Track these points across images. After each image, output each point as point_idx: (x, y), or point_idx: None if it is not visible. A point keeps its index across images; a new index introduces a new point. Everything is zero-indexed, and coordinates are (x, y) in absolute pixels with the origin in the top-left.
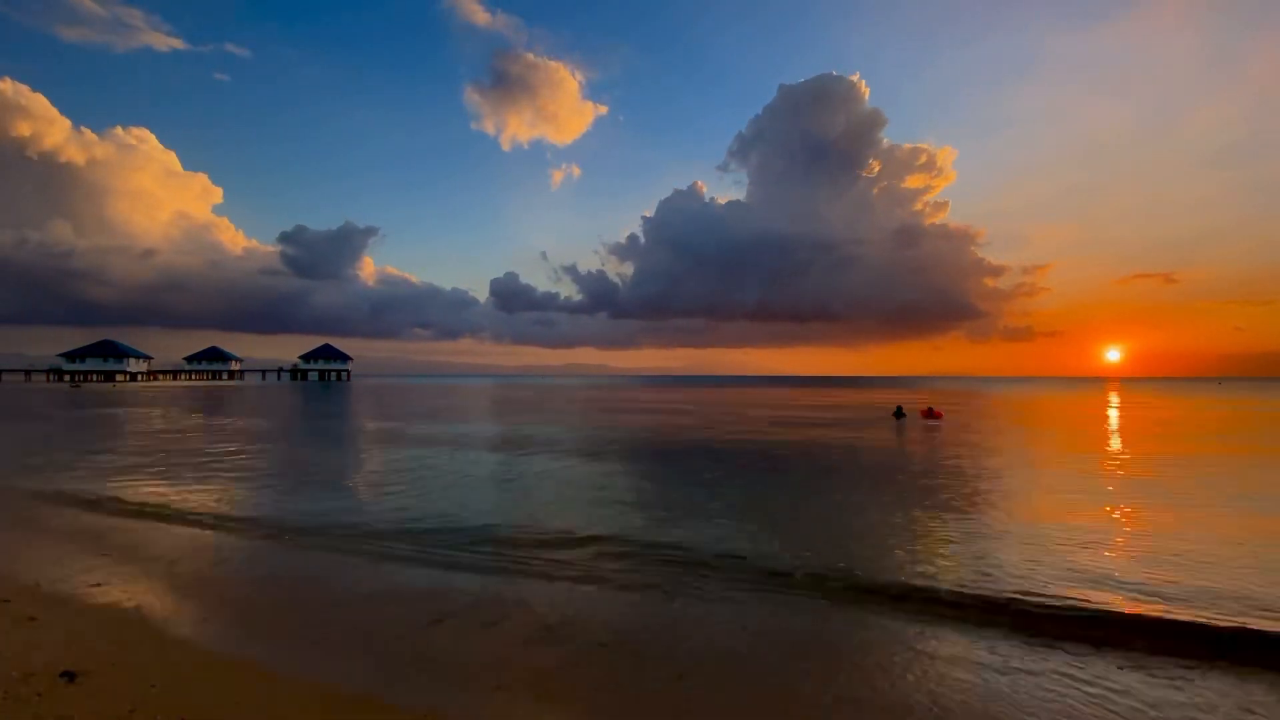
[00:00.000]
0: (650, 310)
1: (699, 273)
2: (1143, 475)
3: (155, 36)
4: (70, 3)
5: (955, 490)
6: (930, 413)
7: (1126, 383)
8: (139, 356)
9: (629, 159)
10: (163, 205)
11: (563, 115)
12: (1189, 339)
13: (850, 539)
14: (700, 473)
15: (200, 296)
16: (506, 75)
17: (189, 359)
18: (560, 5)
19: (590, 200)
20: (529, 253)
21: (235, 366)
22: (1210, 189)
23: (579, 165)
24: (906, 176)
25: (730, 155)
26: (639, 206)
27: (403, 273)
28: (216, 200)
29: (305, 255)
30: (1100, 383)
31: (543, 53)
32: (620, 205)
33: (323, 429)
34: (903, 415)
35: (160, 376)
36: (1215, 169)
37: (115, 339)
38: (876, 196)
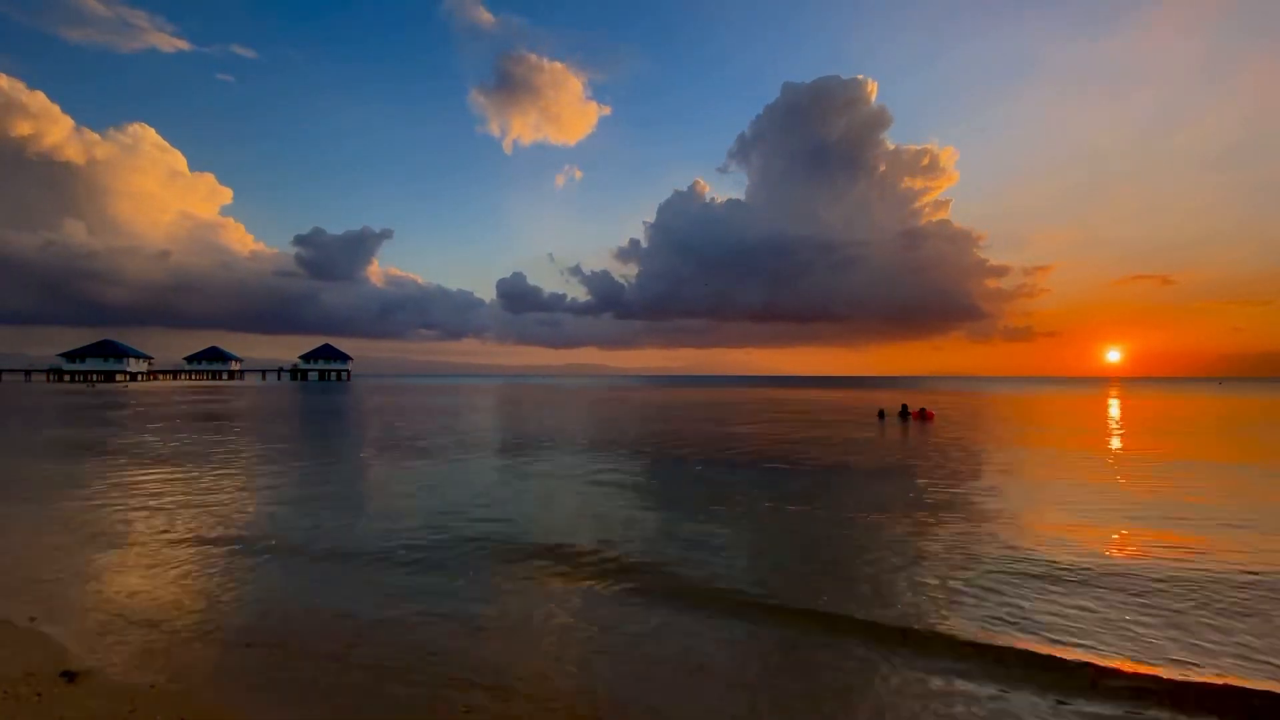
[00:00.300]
0: (654, 311)
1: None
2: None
3: (160, 37)
4: (74, 4)
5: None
6: (923, 413)
7: (1127, 383)
8: (139, 356)
9: (633, 160)
10: (169, 206)
11: (566, 117)
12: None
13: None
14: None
15: (206, 297)
16: (511, 77)
17: (189, 359)
18: (563, 6)
19: (595, 201)
20: (534, 254)
21: (235, 366)
22: (1208, 192)
23: (584, 166)
24: (909, 177)
25: (730, 156)
26: (644, 207)
27: (407, 273)
28: (225, 201)
29: (320, 257)
30: (1101, 383)
31: (546, 54)
32: (625, 206)
33: (350, 429)
34: (883, 416)
35: (160, 376)
36: (1213, 172)
37: (115, 339)
38: (879, 197)
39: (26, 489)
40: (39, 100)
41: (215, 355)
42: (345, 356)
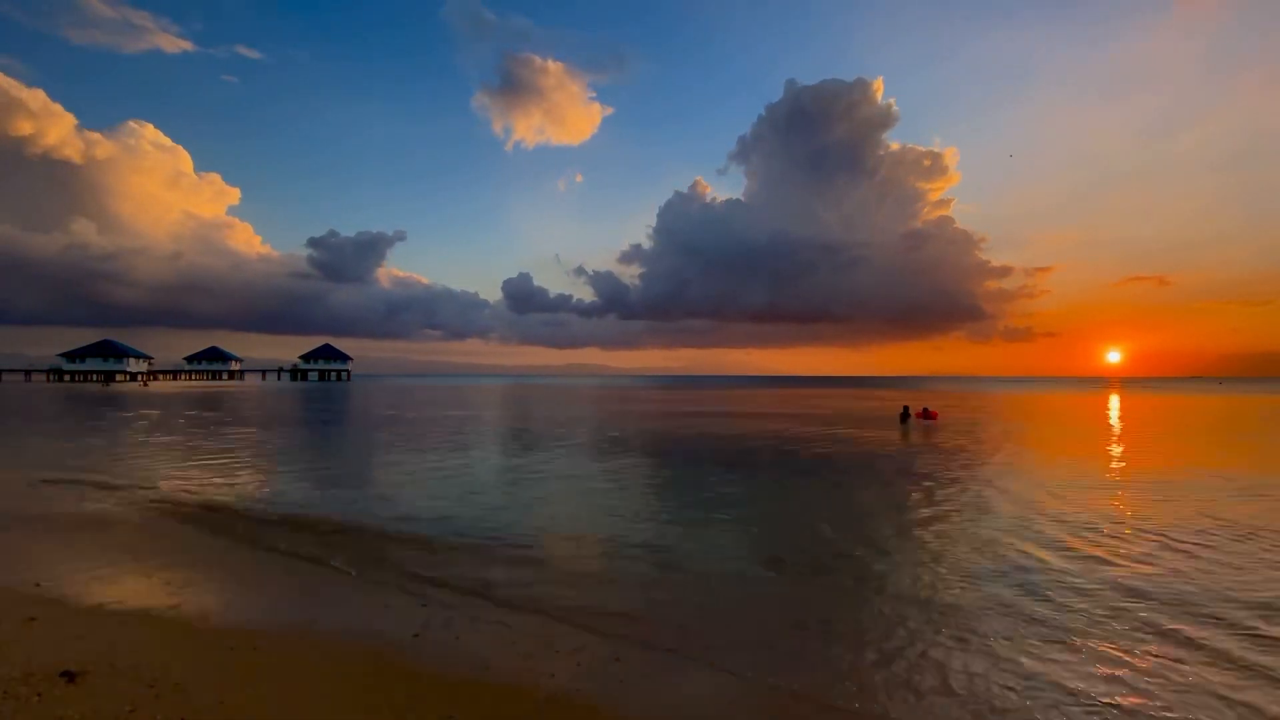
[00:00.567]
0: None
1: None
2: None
3: (164, 38)
4: (78, 5)
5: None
6: (926, 413)
7: (1128, 383)
8: (139, 356)
9: (636, 161)
10: (175, 206)
11: (569, 118)
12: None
13: None
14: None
15: (212, 297)
16: (515, 78)
17: (189, 359)
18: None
19: (598, 202)
20: (536, 254)
21: (235, 366)
22: (1208, 194)
23: (587, 167)
24: (911, 178)
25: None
26: (647, 208)
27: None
28: (233, 201)
29: (333, 259)
30: (1102, 383)
31: (549, 55)
32: (628, 207)
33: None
34: (908, 417)
35: (160, 376)
36: (1213, 174)
37: (114, 339)
38: (881, 198)
39: (27, 489)
40: (40, 99)
41: (215, 355)
42: (345, 357)
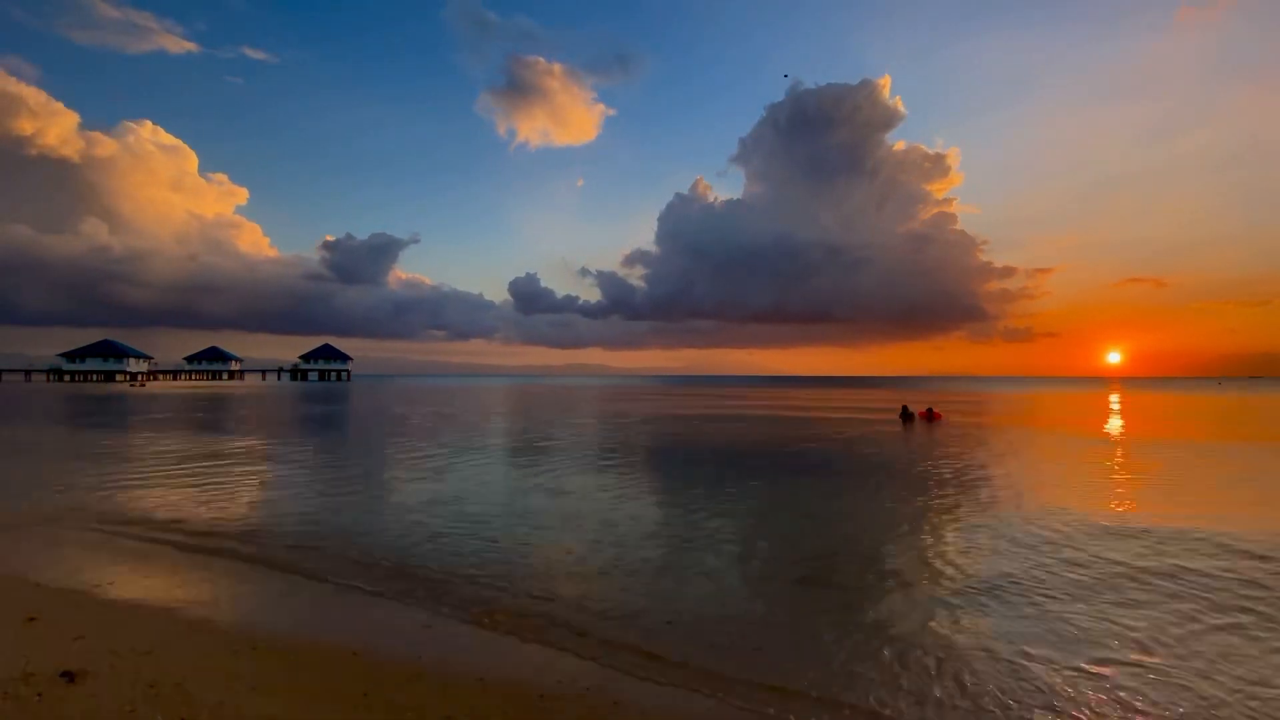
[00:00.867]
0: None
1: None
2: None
3: (169, 39)
4: (82, 5)
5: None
6: (930, 414)
7: (1127, 382)
8: (139, 356)
9: (639, 161)
10: (181, 207)
11: (573, 119)
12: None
13: None
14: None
15: (220, 297)
16: (519, 80)
17: (189, 359)
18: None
19: (601, 203)
20: (539, 255)
21: (235, 366)
22: (1207, 196)
23: (590, 168)
24: (913, 179)
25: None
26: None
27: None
28: (240, 201)
29: (346, 261)
30: (1101, 382)
31: (553, 57)
32: (631, 208)
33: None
34: (910, 417)
35: (160, 377)
36: (1213, 176)
37: (115, 339)
38: (883, 199)
39: (28, 488)
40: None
41: (215, 355)
42: (345, 356)
